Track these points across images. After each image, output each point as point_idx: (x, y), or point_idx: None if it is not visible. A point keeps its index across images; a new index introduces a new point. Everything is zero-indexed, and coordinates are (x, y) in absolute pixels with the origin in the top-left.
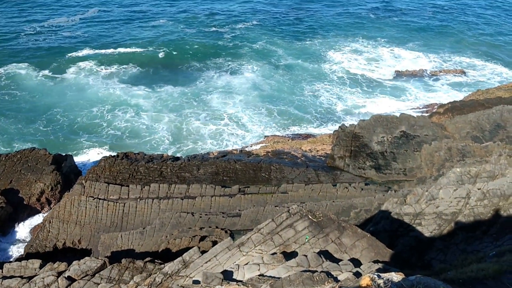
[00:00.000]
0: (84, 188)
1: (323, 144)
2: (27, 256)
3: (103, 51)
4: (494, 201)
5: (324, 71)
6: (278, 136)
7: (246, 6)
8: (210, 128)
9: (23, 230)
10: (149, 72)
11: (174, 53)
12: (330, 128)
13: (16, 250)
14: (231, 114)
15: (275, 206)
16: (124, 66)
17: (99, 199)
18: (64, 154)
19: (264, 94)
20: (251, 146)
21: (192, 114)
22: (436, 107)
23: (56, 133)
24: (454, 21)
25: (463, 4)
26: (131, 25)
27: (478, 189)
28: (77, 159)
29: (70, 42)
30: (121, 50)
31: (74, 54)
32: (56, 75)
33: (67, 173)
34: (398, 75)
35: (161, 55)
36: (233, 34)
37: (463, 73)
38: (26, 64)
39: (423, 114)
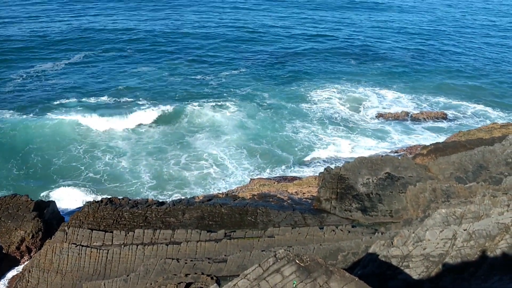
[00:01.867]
0: (66, 235)
1: (309, 186)
2: None
3: (84, 99)
4: (480, 242)
5: (306, 112)
6: (264, 179)
7: (231, 54)
8: (194, 171)
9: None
10: (129, 112)
11: (157, 96)
12: (315, 170)
13: None
14: (215, 156)
15: (262, 251)
16: (103, 105)
17: (82, 246)
18: (46, 201)
19: (249, 133)
20: (236, 190)
21: (173, 156)
22: (419, 149)
23: (30, 178)
24: (434, 63)
25: (443, 46)
26: (115, 70)
27: (464, 230)
28: (60, 205)
29: (54, 86)
30: (103, 97)
31: (57, 99)
32: (35, 116)
33: (49, 220)
34: (380, 117)
35: (143, 99)
36: (218, 81)
37: (445, 115)
38: (6, 107)
39: (406, 155)
